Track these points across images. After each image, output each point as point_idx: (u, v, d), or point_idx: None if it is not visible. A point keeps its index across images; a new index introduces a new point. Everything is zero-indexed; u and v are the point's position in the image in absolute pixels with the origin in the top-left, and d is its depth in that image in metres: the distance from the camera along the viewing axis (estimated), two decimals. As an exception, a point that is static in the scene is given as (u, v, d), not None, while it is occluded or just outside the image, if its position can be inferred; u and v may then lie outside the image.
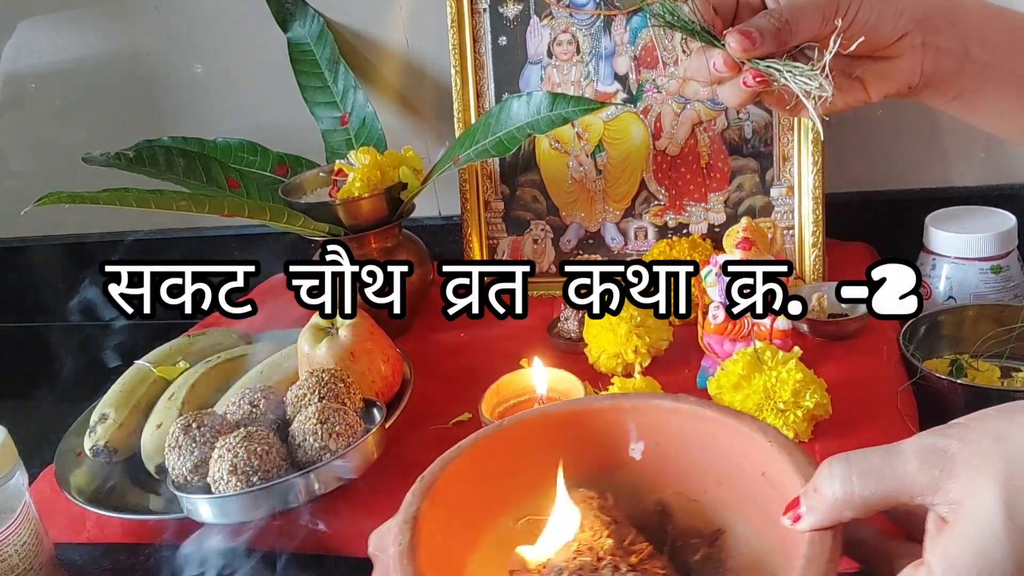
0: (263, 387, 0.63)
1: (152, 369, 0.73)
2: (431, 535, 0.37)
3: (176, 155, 0.84)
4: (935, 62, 0.51)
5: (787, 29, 0.49)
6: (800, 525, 0.34)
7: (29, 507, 0.56)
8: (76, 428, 0.72)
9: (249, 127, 0.97)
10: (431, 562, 0.35)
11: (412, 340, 0.83)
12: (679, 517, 0.42)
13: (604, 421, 0.43)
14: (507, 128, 0.78)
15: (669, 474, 0.42)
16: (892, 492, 0.33)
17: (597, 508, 0.40)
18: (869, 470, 0.33)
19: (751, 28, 0.48)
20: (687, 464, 0.42)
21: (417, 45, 0.97)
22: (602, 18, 0.86)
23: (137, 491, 0.67)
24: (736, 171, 0.85)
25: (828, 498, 0.33)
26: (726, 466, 0.40)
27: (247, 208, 0.76)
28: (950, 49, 0.51)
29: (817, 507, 0.34)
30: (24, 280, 1.17)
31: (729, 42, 0.49)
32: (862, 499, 0.33)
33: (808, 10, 0.49)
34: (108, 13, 1.04)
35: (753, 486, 0.39)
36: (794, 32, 0.49)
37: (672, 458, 0.42)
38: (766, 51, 0.49)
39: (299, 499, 0.55)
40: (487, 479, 0.42)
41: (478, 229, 0.91)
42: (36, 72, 1.09)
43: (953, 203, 0.80)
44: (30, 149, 1.14)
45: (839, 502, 0.33)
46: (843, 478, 0.33)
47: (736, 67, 0.50)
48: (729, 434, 0.40)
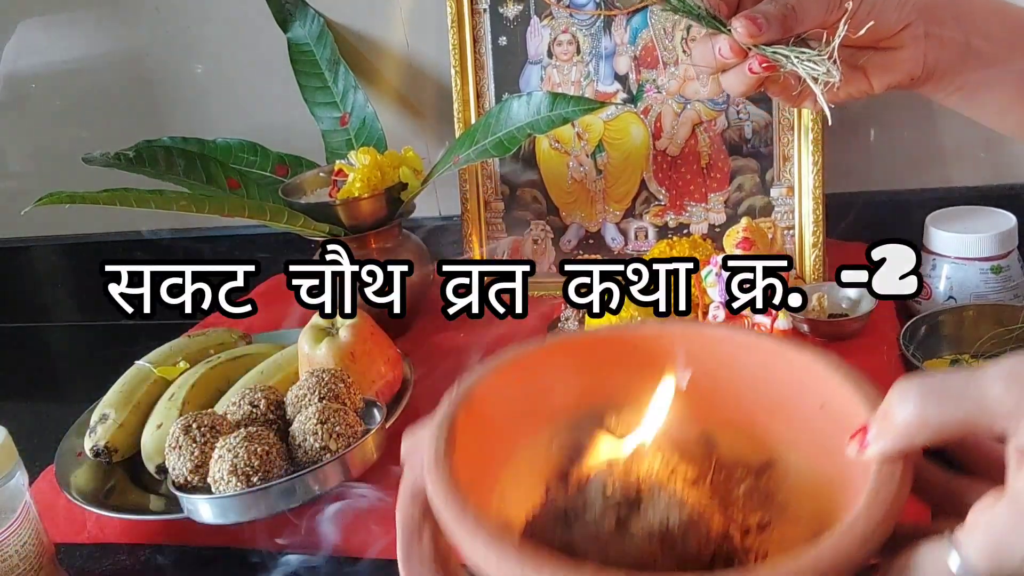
0: (263, 387, 0.63)
1: (152, 369, 0.73)
2: (466, 443, 0.35)
3: (176, 155, 0.84)
4: (937, 53, 0.51)
5: (793, 15, 0.48)
6: (867, 453, 0.32)
7: (29, 507, 0.56)
8: (76, 428, 0.72)
9: (249, 127, 0.98)
10: (465, 469, 0.34)
11: (412, 340, 0.83)
12: (724, 449, 0.39)
13: (650, 347, 0.40)
14: (507, 128, 0.78)
15: (716, 404, 0.40)
16: (972, 416, 0.30)
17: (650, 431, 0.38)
18: (948, 390, 0.30)
19: (757, 14, 0.48)
20: (736, 395, 0.40)
21: (417, 45, 0.97)
22: (602, 18, 0.86)
23: (137, 491, 0.67)
24: (736, 171, 0.85)
25: (900, 421, 0.31)
26: (779, 398, 0.38)
27: (247, 208, 0.76)
28: (952, 41, 0.52)
29: (887, 431, 0.31)
30: (24, 280, 1.17)
31: (735, 27, 0.49)
32: (939, 422, 0.30)
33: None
34: (108, 13, 1.04)
35: (809, 418, 0.37)
36: (800, 18, 0.49)
37: (720, 388, 0.40)
38: (772, 37, 0.48)
39: (299, 499, 0.55)
40: (525, 395, 0.40)
41: (478, 229, 0.91)
42: (36, 72, 1.09)
43: (953, 203, 0.80)
44: (30, 149, 1.14)
45: (912, 425, 0.31)
46: (919, 399, 0.31)
47: (742, 53, 0.50)
48: (786, 364, 0.38)
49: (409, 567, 0.35)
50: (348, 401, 0.61)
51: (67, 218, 1.10)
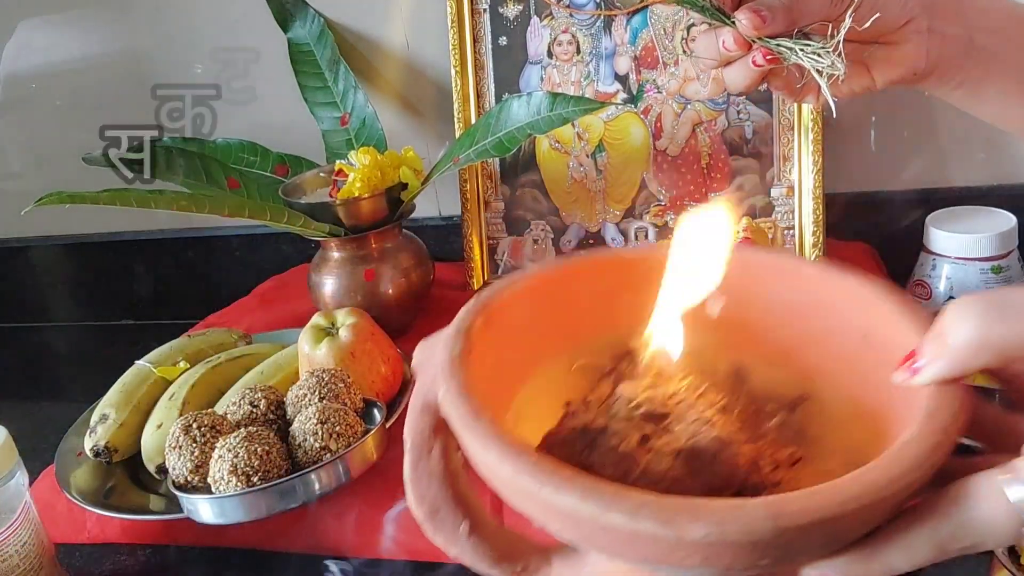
0: (263, 387, 0.63)
1: (152, 369, 0.73)
2: (482, 354, 0.33)
3: (176, 155, 0.84)
4: (940, 49, 0.51)
5: (798, 8, 0.48)
6: (919, 378, 0.29)
7: (29, 507, 0.56)
8: (76, 428, 0.72)
9: (249, 127, 0.97)
10: (480, 381, 0.31)
11: (412, 340, 0.83)
12: (756, 382, 0.37)
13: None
14: (507, 128, 0.78)
15: (749, 334, 0.37)
16: None
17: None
18: (1011, 307, 0.28)
19: (762, 6, 0.48)
20: (771, 324, 0.37)
21: (417, 45, 0.97)
22: (602, 18, 0.86)
23: (137, 491, 0.67)
24: (736, 171, 0.85)
25: (958, 342, 0.28)
26: (819, 328, 0.36)
27: (247, 208, 0.76)
28: (955, 36, 0.51)
29: (942, 353, 0.29)
30: (24, 280, 1.17)
31: (740, 19, 0.48)
32: (1001, 340, 0.28)
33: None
34: (108, 13, 1.04)
35: (850, 349, 0.34)
36: (805, 11, 0.49)
37: (755, 317, 0.37)
38: (777, 30, 0.48)
39: (299, 499, 0.55)
40: (546, 312, 0.37)
41: (478, 229, 0.91)
42: (36, 72, 1.08)
43: (953, 203, 0.80)
44: (30, 149, 1.14)
45: (972, 346, 0.28)
46: (979, 317, 0.28)
47: (746, 45, 0.50)
48: (829, 291, 0.35)
49: (416, 484, 0.33)
50: (348, 401, 0.61)
51: (67, 218, 1.10)
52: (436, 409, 0.32)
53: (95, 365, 0.98)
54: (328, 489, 0.55)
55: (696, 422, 0.32)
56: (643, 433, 0.31)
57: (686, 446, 0.31)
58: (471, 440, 0.29)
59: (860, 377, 0.34)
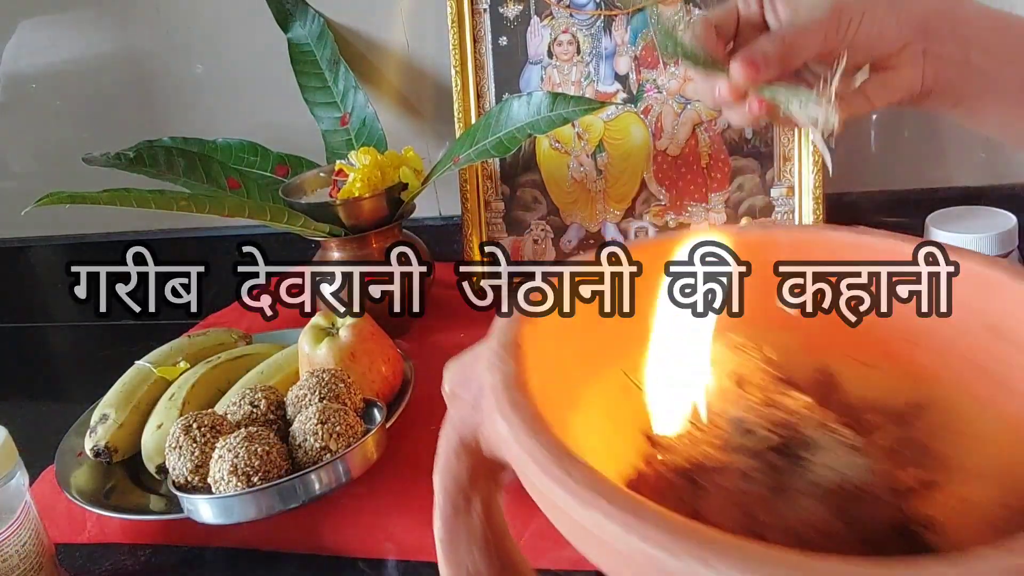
0: (263, 387, 0.63)
1: (152, 369, 0.73)
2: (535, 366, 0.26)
3: (176, 155, 0.84)
4: (936, 70, 0.51)
5: (791, 52, 0.48)
6: None
7: (29, 507, 0.56)
8: (76, 428, 0.72)
9: (249, 127, 0.98)
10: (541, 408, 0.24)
11: (412, 340, 0.83)
12: (850, 388, 0.31)
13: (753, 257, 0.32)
14: (507, 128, 0.78)
15: (837, 332, 0.31)
16: None
17: (760, 359, 0.30)
18: None
19: (755, 54, 0.47)
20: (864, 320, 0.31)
21: (417, 45, 0.97)
22: (602, 18, 0.86)
23: (137, 491, 0.67)
24: (737, 171, 0.85)
25: None
26: (926, 320, 0.30)
27: (247, 208, 0.76)
28: (951, 57, 0.51)
29: None
30: (24, 280, 1.17)
31: (733, 72, 0.48)
32: None
33: (811, 29, 0.48)
34: (108, 13, 1.04)
35: (974, 344, 0.29)
36: (798, 53, 0.48)
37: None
38: (770, 76, 0.48)
39: (299, 499, 0.55)
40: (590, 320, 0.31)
41: (478, 229, 0.91)
42: (36, 72, 1.09)
43: (953, 203, 0.80)
44: (30, 149, 1.14)
45: None
46: None
47: (741, 95, 0.49)
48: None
49: (451, 548, 0.26)
50: (348, 401, 0.61)
51: (67, 218, 1.10)
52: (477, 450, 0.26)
53: (95, 365, 0.98)
54: (328, 489, 0.55)
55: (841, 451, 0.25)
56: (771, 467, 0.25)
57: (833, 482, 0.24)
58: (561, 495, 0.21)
59: (994, 378, 0.28)
